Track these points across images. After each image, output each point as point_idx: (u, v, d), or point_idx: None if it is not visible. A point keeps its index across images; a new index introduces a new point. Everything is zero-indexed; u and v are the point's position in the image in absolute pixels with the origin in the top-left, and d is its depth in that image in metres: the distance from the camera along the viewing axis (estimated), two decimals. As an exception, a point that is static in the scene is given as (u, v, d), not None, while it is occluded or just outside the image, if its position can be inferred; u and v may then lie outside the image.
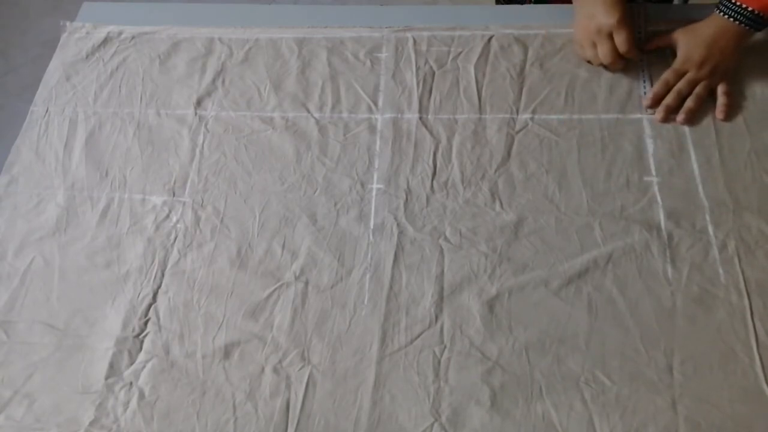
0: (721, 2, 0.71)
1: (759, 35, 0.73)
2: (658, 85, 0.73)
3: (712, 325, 0.60)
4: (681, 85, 0.72)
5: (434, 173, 0.71)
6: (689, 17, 0.77)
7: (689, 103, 0.72)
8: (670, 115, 0.72)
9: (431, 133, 0.74)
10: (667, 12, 0.81)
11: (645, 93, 0.74)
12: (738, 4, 0.69)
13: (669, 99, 0.72)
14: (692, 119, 0.71)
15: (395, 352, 0.61)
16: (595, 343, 0.60)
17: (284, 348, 0.62)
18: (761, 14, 0.68)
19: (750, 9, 0.68)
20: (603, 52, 0.73)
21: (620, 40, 0.71)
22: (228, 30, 0.85)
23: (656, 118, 0.72)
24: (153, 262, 0.68)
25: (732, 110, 0.71)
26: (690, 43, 0.73)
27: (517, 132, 0.73)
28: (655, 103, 0.73)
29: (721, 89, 0.72)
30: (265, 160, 0.74)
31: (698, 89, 0.72)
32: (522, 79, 0.77)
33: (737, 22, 0.70)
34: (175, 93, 0.80)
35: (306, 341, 0.62)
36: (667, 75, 0.73)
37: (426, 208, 0.69)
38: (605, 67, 0.75)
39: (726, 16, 0.70)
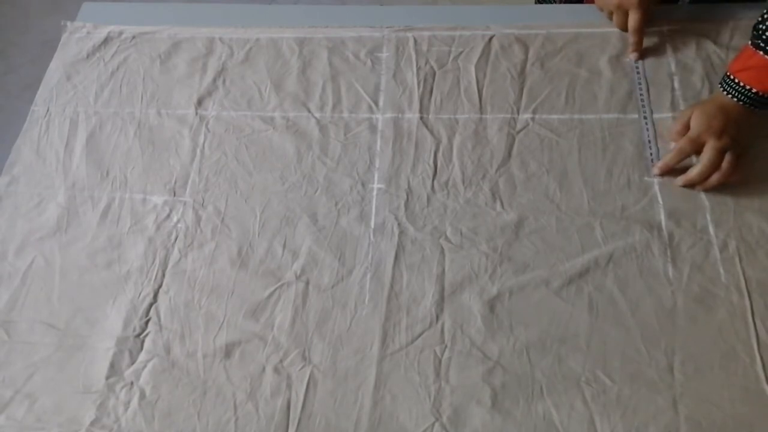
0: (724, 78, 0.68)
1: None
2: (674, 156, 0.67)
3: (713, 324, 0.60)
4: (709, 155, 0.66)
5: (435, 173, 0.71)
6: (693, 17, 0.77)
7: (714, 180, 0.66)
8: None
9: (432, 132, 0.74)
10: (672, 12, 0.81)
11: (641, 95, 0.74)
12: (740, 83, 0.66)
13: (695, 176, 0.66)
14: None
15: (396, 351, 0.61)
16: (596, 342, 0.60)
17: (285, 348, 0.62)
18: (765, 96, 0.65)
19: (754, 91, 0.65)
20: (616, 23, 0.79)
21: (632, 20, 0.76)
22: (228, 30, 0.85)
23: (677, 185, 0.68)
24: (154, 261, 0.68)
25: (730, 177, 0.66)
26: (703, 114, 0.68)
27: (518, 132, 0.73)
28: (666, 173, 0.68)
29: (731, 157, 0.66)
30: (266, 159, 0.74)
31: (725, 164, 0.65)
32: (523, 78, 0.77)
33: (740, 102, 0.66)
34: (176, 93, 0.80)
35: (307, 341, 0.62)
36: (683, 144, 0.68)
37: (427, 207, 0.69)
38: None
39: (728, 95, 0.67)
